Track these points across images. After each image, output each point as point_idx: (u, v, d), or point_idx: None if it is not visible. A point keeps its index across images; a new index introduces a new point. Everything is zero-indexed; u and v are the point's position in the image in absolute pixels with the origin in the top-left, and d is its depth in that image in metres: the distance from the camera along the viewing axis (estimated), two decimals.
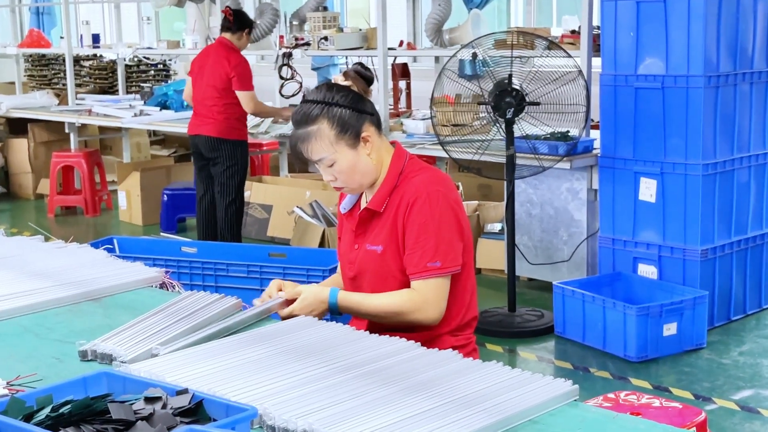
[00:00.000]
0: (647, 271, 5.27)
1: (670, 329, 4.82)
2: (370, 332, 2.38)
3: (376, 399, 1.91)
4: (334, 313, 2.60)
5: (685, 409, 3.06)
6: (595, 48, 5.61)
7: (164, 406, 1.74)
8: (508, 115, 5.07)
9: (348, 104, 2.54)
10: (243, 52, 6.52)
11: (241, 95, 6.31)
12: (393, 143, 2.71)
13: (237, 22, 6.41)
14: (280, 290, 2.65)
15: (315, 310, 2.56)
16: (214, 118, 6.31)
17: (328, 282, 2.86)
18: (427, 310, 2.53)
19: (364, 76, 2.69)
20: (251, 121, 6.98)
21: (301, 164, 7.92)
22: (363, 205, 2.70)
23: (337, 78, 2.68)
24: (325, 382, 2.00)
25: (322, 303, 2.57)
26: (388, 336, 2.32)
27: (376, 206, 2.62)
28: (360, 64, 2.76)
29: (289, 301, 2.59)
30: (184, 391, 1.78)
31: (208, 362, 2.12)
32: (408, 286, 2.59)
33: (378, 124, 2.63)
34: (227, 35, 6.42)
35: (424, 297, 2.52)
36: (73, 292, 2.71)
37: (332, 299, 2.58)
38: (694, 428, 2.89)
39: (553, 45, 5.27)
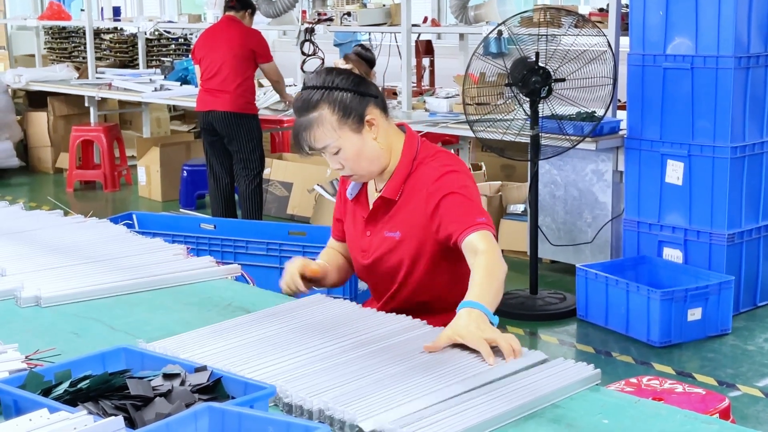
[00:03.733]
0: (672, 254, 5.21)
1: (694, 314, 4.76)
2: (397, 314, 2.34)
3: (402, 384, 1.88)
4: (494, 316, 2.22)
5: (709, 395, 3.02)
6: (623, 27, 5.53)
7: (183, 383, 1.74)
8: (543, 94, 5.00)
9: (349, 87, 2.44)
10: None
11: (267, 67, 6.38)
12: (401, 125, 2.62)
13: (240, 2, 6.43)
14: (303, 276, 2.58)
15: (480, 327, 2.10)
16: (230, 92, 6.27)
17: (323, 256, 2.75)
18: (500, 255, 2.31)
19: (365, 58, 2.62)
20: (273, 98, 6.95)
21: (305, 156, 7.90)
22: (370, 189, 2.64)
23: (338, 62, 2.60)
24: (338, 359, 1.99)
25: (481, 316, 2.13)
26: (404, 315, 2.30)
27: (392, 194, 2.54)
28: (361, 46, 2.69)
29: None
30: (203, 369, 1.77)
31: (221, 340, 2.10)
32: (426, 272, 2.53)
33: (383, 107, 2.53)
34: (232, 13, 6.43)
35: (490, 245, 2.31)
36: (95, 268, 2.66)
37: (480, 307, 2.15)
38: (717, 415, 2.85)
39: (581, 22, 5.19)
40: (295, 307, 2.35)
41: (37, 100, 9.78)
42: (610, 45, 5.13)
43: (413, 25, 6.87)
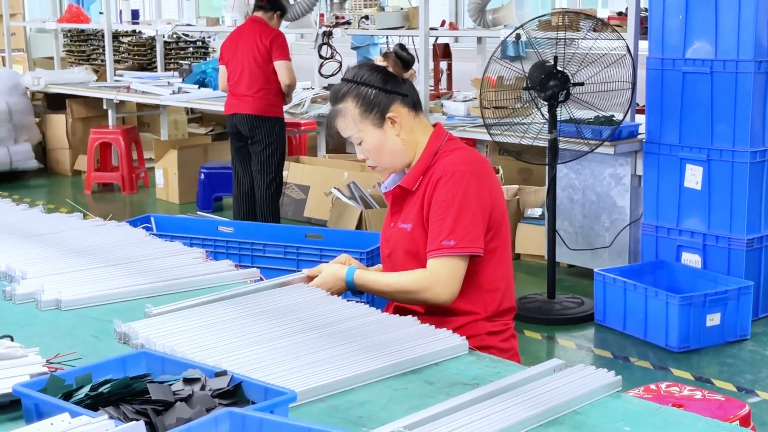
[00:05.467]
0: (691, 259, 5.18)
1: (713, 319, 4.73)
2: (401, 315, 2.35)
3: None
4: (353, 291, 2.62)
5: (728, 401, 2.99)
6: (643, 31, 5.51)
7: (203, 388, 1.73)
8: (560, 98, 4.99)
9: (376, 84, 2.56)
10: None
11: (279, 65, 6.25)
12: (435, 125, 2.69)
13: (270, 2, 6.35)
14: None
15: (333, 287, 2.58)
16: (252, 95, 6.26)
17: (372, 269, 2.82)
18: (436, 290, 2.49)
19: (401, 57, 2.67)
20: (292, 101, 6.94)
21: (335, 142, 7.87)
22: None
23: (377, 58, 2.69)
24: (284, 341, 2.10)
25: (340, 280, 2.59)
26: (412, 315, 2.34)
27: (408, 184, 2.61)
28: (400, 45, 2.74)
29: (311, 278, 2.62)
30: (223, 373, 1.77)
31: (181, 320, 2.24)
32: None
33: (413, 105, 2.62)
34: (260, 14, 6.38)
35: (435, 276, 2.49)
36: (115, 271, 2.67)
37: (349, 277, 2.59)
38: (738, 422, 2.83)
39: (599, 26, 5.18)
40: (258, 292, 2.47)
41: (55, 102, 9.82)
42: (629, 49, 5.11)
43: (431, 29, 6.87)
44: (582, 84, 5.05)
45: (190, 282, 2.62)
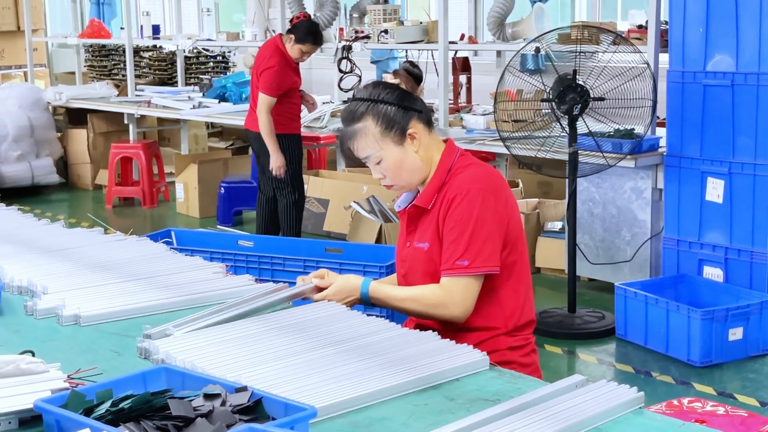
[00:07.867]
0: (713, 273, 5.15)
1: (735, 334, 4.70)
2: (421, 330, 2.36)
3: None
4: (367, 303, 2.60)
5: (751, 417, 2.96)
6: (663, 44, 5.49)
7: (223, 404, 1.73)
8: (575, 112, 4.98)
9: (394, 101, 2.54)
10: None
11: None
12: (446, 141, 2.68)
13: (292, 25, 6.32)
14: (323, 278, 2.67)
15: (347, 298, 2.57)
16: (255, 111, 6.27)
17: (385, 280, 2.84)
18: (449, 307, 2.49)
19: (413, 74, 2.68)
20: (310, 115, 6.94)
21: (348, 162, 7.85)
22: None
23: (387, 76, 2.67)
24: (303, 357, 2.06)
25: (354, 290, 2.58)
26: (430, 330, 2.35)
27: (424, 203, 2.60)
28: (410, 62, 2.75)
29: (321, 288, 2.60)
30: (243, 389, 1.77)
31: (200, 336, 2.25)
32: None
33: (427, 122, 2.62)
34: (285, 33, 6.34)
35: (449, 294, 2.49)
36: (136, 286, 2.69)
37: (364, 289, 2.57)
38: None
39: (619, 39, 5.16)
40: (280, 309, 2.47)
41: (77, 117, 9.88)
42: (648, 64, 5.09)
43: (450, 42, 6.87)
44: (603, 99, 5.03)
45: (211, 297, 2.63)
